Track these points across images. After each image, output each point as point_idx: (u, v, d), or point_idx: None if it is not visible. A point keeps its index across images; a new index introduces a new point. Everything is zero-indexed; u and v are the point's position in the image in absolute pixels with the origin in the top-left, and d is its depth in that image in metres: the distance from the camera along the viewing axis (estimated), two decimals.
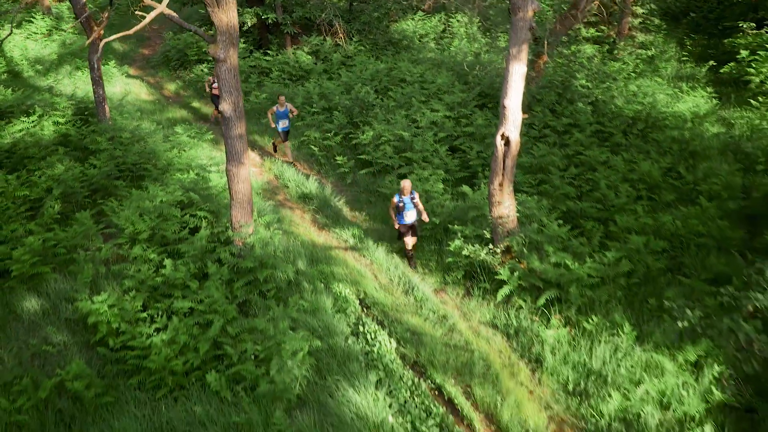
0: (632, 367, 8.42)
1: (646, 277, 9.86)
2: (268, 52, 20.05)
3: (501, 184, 9.86)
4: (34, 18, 24.31)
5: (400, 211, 10.75)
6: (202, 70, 20.10)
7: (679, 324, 7.35)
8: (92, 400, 7.95)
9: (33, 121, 14.15)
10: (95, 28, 13.67)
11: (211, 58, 20.23)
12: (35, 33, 23.73)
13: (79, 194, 12.03)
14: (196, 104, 18.99)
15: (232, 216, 9.84)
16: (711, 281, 9.50)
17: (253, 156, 15.38)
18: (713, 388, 8.00)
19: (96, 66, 14.14)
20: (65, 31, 24.20)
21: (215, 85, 16.19)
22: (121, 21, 25.28)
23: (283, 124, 14.70)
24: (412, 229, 10.98)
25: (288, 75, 18.94)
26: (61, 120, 14.56)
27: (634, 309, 9.34)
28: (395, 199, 10.76)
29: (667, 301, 8.32)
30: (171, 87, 20.56)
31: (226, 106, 9.10)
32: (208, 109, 18.39)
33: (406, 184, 10.66)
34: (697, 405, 7.81)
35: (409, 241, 11.02)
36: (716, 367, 8.18)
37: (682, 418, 7.70)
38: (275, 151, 15.70)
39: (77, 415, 7.90)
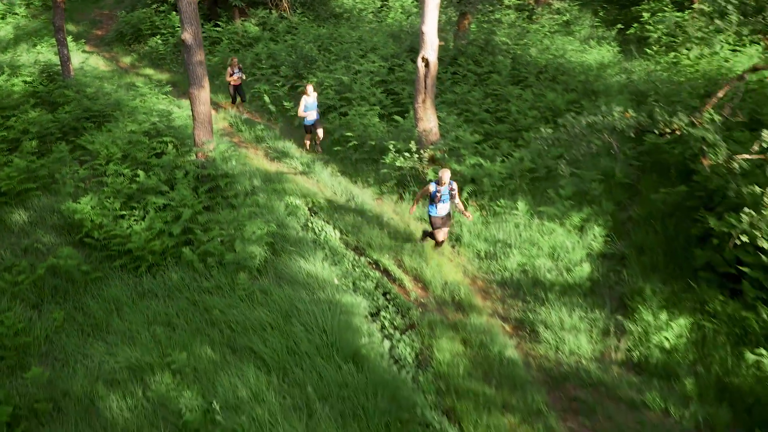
0: (531, 235, 10.36)
1: (547, 175, 11.80)
2: (218, 23, 21.56)
3: (424, 101, 11.70)
4: None
5: (434, 202, 9.87)
6: (156, 42, 21.45)
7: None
8: (83, 277, 9.45)
9: (3, 80, 15.39)
10: None
11: (164, 31, 21.63)
12: None
13: (52, 135, 13.38)
14: (150, 71, 20.36)
15: (195, 135, 11.39)
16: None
17: None
18: (593, 243, 10.00)
19: (60, 27, 15.45)
20: (18, 15, 25.24)
21: (235, 75, 15.94)
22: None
23: (311, 116, 13.96)
24: (443, 220, 10.11)
25: (237, 43, 20.50)
26: (28, 79, 15.83)
27: (536, 197, 11.28)
28: (431, 187, 9.80)
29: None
30: (126, 59, 21.84)
31: (187, 36, 10.67)
32: (161, 76, 19.79)
33: (444, 174, 9.71)
34: (580, 254, 9.79)
35: (441, 234, 10.14)
36: (596, 228, 10.20)
37: (568, 264, 9.65)
38: (310, 148, 14.61)
39: (70, 290, 9.38)
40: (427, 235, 10.53)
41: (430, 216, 10.07)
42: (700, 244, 9.24)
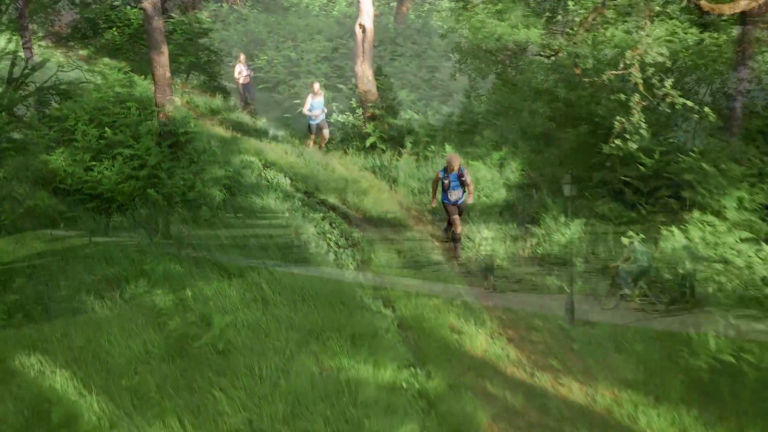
0: None
1: (474, 129, 13.36)
2: (171, 15, 22.67)
3: (363, 64, 13.18)
4: None
5: (445, 189, 9.69)
6: (113, 34, 22.42)
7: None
8: (59, 216, 10.55)
9: None
10: None
11: (121, 24, 22.64)
12: None
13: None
14: (108, 61, 21.33)
15: (155, 97, 12.56)
16: None
17: None
18: (510, 175, 11.58)
19: (22, 14, 16.45)
20: None
21: (244, 72, 16.48)
22: None
23: (316, 115, 13.97)
24: (457, 208, 9.79)
25: (191, 33, 21.67)
26: None
27: (464, 144, 12.83)
28: (440, 174, 9.66)
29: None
30: (84, 52, 22.78)
31: (147, 4, 11.89)
32: (119, 65, 20.79)
33: (453, 159, 9.55)
34: (499, 184, 11.35)
35: (456, 224, 9.69)
36: (513, 164, 11.79)
37: (488, 192, 11.20)
38: (313, 144, 14.54)
39: (48, 228, 10.47)
40: (447, 228, 10.20)
41: (443, 203, 9.84)
42: (599, 170, 10.89)
